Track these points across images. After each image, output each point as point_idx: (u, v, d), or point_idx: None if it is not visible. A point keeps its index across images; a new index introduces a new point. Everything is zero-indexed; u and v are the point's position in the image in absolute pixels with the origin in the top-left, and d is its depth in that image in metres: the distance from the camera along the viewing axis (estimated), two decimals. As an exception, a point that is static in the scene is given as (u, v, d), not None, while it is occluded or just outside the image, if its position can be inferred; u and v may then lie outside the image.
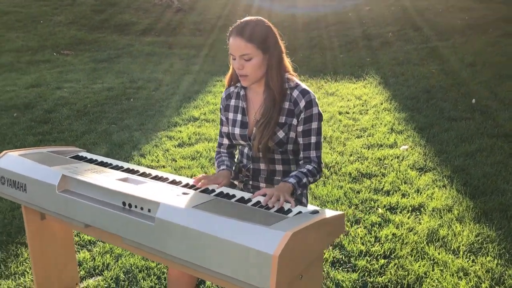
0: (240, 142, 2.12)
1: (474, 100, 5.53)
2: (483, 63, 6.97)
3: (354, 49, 9.03)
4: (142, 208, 1.67)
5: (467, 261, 2.63)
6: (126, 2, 13.32)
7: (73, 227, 2.26)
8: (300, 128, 2.00)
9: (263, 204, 1.71)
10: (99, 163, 2.16)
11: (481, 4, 10.55)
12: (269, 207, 1.68)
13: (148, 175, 2.01)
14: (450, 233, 2.91)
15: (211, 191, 1.84)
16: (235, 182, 2.21)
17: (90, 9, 12.63)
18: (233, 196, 1.79)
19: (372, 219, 3.13)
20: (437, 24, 9.59)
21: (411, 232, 2.96)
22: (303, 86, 2.02)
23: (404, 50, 8.35)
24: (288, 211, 1.66)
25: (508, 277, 2.49)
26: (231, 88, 2.18)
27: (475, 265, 2.59)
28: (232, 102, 2.16)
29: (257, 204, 1.71)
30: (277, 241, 1.36)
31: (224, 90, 2.22)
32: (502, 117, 4.93)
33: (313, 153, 2.02)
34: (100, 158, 2.25)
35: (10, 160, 2.09)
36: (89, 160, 2.21)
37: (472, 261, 2.64)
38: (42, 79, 7.54)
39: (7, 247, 2.92)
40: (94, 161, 2.20)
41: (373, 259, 2.71)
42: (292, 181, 1.89)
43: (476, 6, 10.44)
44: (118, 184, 1.80)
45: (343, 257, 2.75)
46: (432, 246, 2.79)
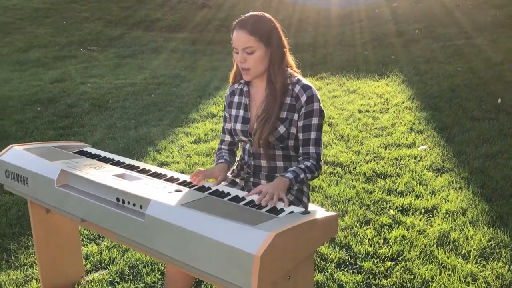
0: (242, 138, 2.11)
1: (500, 100, 5.35)
2: (512, 62, 6.75)
3: (379, 46, 8.88)
4: (135, 205, 1.68)
5: (477, 266, 2.55)
6: (153, -1, 13.47)
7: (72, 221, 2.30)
8: (301, 123, 1.98)
9: (257, 203, 1.69)
10: (101, 159, 2.18)
11: (514, 1, 10.21)
12: (262, 206, 1.66)
13: (147, 172, 2.02)
14: (462, 237, 2.83)
15: (207, 189, 1.83)
16: (237, 180, 2.19)
17: (117, 6, 12.82)
18: (228, 195, 1.78)
19: (383, 220, 3.07)
20: (467, 21, 9.33)
21: (422, 235, 2.88)
22: (305, 82, 2.00)
23: (431, 48, 8.16)
24: (280, 211, 1.63)
25: (520, 284, 2.40)
26: (235, 85, 2.18)
27: (485, 271, 2.51)
28: (236, 99, 2.15)
29: (250, 203, 1.69)
30: (261, 241, 1.34)
31: (229, 87, 2.21)
32: (528, 118, 4.77)
33: (312, 149, 1.99)
34: (103, 154, 2.27)
35: (15, 154, 2.13)
36: (92, 156, 2.23)
37: (483, 266, 2.55)
38: (67, 74, 7.69)
39: (19, 239, 2.98)
40: (97, 157, 2.22)
41: (380, 261, 2.66)
42: (290, 176, 1.87)
43: (510, 3, 10.11)
44: (114, 180, 1.81)
45: (349, 258, 2.70)
46: (442, 250, 2.71)
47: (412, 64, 7.35)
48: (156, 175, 1.97)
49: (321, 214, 1.60)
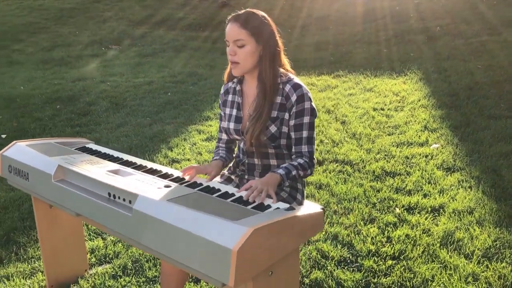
0: (235, 137, 2.12)
1: (519, 98, 5.24)
2: (535, 59, 6.59)
3: (399, 44, 8.77)
4: (125, 200, 1.71)
5: (480, 266, 2.51)
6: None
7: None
8: (292, 122, 1.99)
9: (245, 199, 1.70)
10: (100, 155, 2.23)
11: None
12: (250, 203, 1.68)
13: (143, 168, 2.06)
14: (467, 236, 2.78)
15: (198, 185, 1.86)
16: (232, 177, 2.21)
17: (139, 5, 12.99)
18: (218, 191, 1.80)
19: (388, 219, 3.04)
20: (491, 17, 9.13)
21: (425, 234, 2.85)
22: (296, 81, 2.00)
23: (451, 45, 8.02)
24: (267, 207, 1.64)
25: (523, 285, 2.36)
26: (229, 84, 2.20)
27: (488, 271, 2.47)
28: (229, 98, 2.17)
29: (239, 199, 1.71)
30: (239, 236, 1.36)
31: (223, 86, 2.23)
32: (547, 116, 4.64)
33: (305, 148, 1.99)
34: (104, 150, 2.32)
35: (17, 150, 2.20)
36: (92, 152, 2.29)
37: (485, 267, 2.51)
38: (88, 73, 7.85)
39: (29, 232, 3.07)
40: (97, 153, 2.27)
41: (381, 260, 2.64)
42: (281, 172, 1.88)
43: (535, -2, 9.86)
44: (106, 176, 1.85)
45: (351, 256, 2.69)
46: (445, 249, 2.68)
47: (432, 62, 7.25)
48: (151, 171, 2.00)
49: (307, 211, 1.61)
